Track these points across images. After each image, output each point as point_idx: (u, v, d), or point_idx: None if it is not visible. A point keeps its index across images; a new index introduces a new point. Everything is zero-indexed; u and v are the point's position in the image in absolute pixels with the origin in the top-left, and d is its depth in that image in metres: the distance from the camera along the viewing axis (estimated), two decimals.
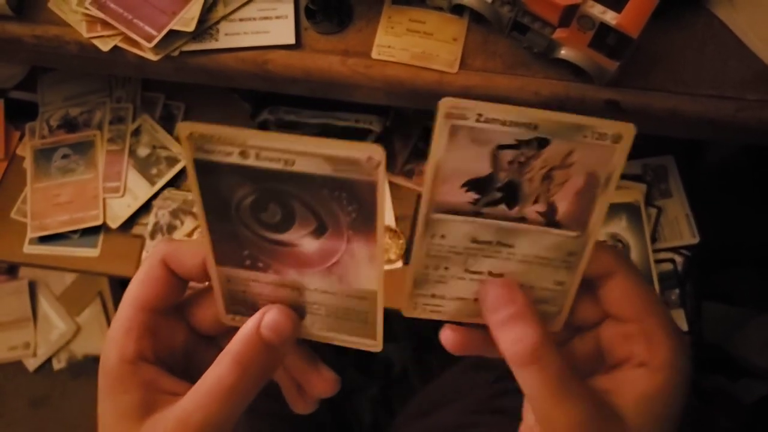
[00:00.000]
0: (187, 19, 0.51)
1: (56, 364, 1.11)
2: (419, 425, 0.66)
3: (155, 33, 0.50)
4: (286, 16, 0.52)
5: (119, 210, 0.71)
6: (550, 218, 0.26)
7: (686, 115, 0.49)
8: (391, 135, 0.69)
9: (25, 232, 0.72)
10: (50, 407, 1.11)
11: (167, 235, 0.70)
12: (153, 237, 0.70)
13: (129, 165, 0.73)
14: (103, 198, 0.72)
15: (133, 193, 0.72)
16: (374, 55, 0.51)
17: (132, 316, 0.27)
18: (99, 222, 0.71)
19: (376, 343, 0.29)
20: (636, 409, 0.26)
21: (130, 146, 0.73)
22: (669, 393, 0.26)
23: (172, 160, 0.73)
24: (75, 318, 1.11)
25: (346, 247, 0.26)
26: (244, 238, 0.26)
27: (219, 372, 0.25)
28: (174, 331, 0.29)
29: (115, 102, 0.75)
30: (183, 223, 0.71)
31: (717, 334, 0.94)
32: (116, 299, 1.09)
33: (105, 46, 0.51)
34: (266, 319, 0.26)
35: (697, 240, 0.69)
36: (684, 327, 0.67)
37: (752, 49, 0.49)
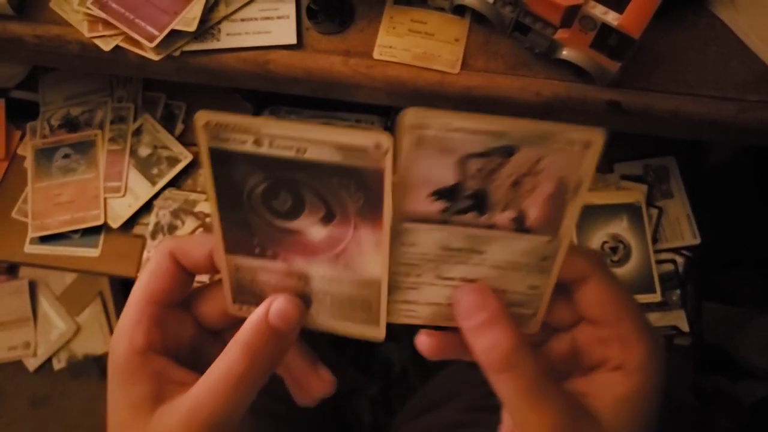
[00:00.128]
0: (188, 19, 0.51)
1: (56, 364, 1.11)
2: (418, 424, 0.66)
3: (157, 33, 0.50)
4: (288, 16, 0.52)
5: (120, 210, 0.71)
6: (520, 224, 0.26)
7: (688, 116, 0.49)
8: (392, 135, 0.69)
9: (26, 231, 0.72)
10: (50, 407, 1.11)
11: (168, 236, 0.70)
12: (154, 237, 0.70)
13: (130, 165, 0.72)
14: (104, 198, 0.72)
15: (134, 192, 0.72)
16: (376, 56, 0.51)
17: (141, 309, 0.27)
18: (100, 222, 0.71)
19: (379, 331, 0.29)
20: (612, 411, 0.26)
21: (131, 146, 0.73)
22: (644, 395, 0.26)
23: (173, 160, 0.72)
24: (75, 318, 1.11)
25: (353, 235, 0.26)
26: (255, 226, 0.27)
27: (229, 360, 0.26)
28: (181, 324, 0.29)
29: (117, 102, 0.75)
30: (184, 223, 0.71)
31: (717, 334, 0.94)
32: (116, 299, 1.09)
33: (106, 45, 0.51)
34: (274, 308, 0.27)
35: (698, 241, 0.68)
36: (685, 328, 0.67)
37: (754, 50, 0.49)
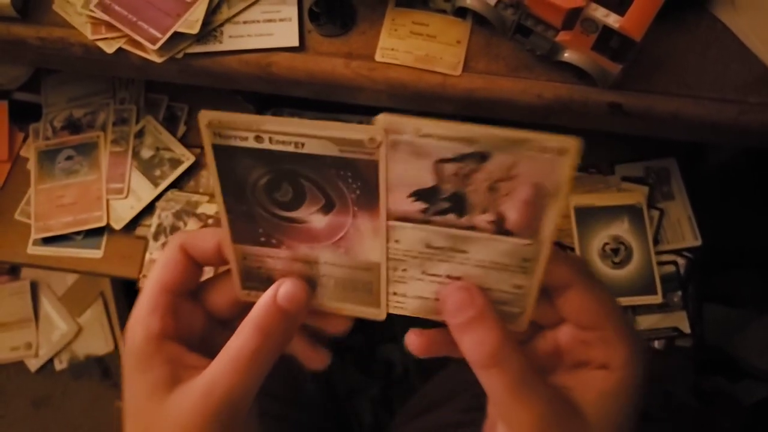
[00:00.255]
0: (191, 22, 0.51)
1: (58, 365, 1.11)
2: (418, 424, 0.66)
3: (159, 35, 0.50)
4: (290, 19, 0.52)
5: (123, 211, 0.72)
6: (500, 227, 0.27)
7: (688, 118, 0.49)
8: None
9: (29, 233, 0.73)
10: (52, 407, 1.11)
11: (181, 231, 0.70)
12: (156, 238, 0.70)
13: (132, 166, 0.73)
14: (107, 199, 0.72)
15: (137, 194, 0.72)
16: (377, 58, 0.51)
17: (156, 297, 0.29)
18: (102, 223, 0.72)
19: (380, 312, 0.31)
20: (596, 405, 0.27)
21: (133, 148, 0.73)
22: (627, 391, 0.27)
23: (176, 162, 0.73)
24: (76, 319, 1.11)
25: (352, 222, 0.28)
26: (259, 217, 0.28)
27: (241, 340, 0.27)
28: (193, 313, 0.31)
29: (119, 103, 0.75)
30: (186, 224, 0.71)
31: (718, 335, 0.94)
32: (118, 300, 1.10)
33: (109, 48, 0.52)
34: (282, 290, 0.28)
35: (699, 242, 0.68)
36: (686, 329, 0.67)
37: (755, 52, 0.49)
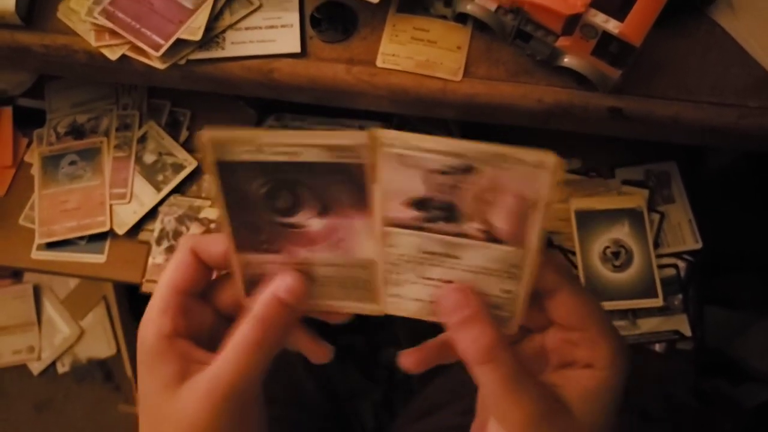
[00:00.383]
0: (193, 28, 0.51)
1: (60, 368, 1.12)
2: (419, 427, 0.67)
3: (162, 42, 0.51)
4: (292, 25, 0.52)
5: (126, 216, 0.72)
6: (488, 234, 0.28)
7: (688, 122, 0.49)
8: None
9: (33, 238, 0.73)
10: (54, 411, 1.11)
11: (173, 242, 0.71)
12: (159, 243, 0.70)
13: (135, 171, 0.73)
14: (110, 204, 0.72)
15: (140, 199, 0.72)
16: (379, 64, 0.51)
17: (167, 298, 0.30)
18: (106, 228, 0.72)
19: (379, 308, 0.32)
20: (582, 402, 0.28)
21: (136, 153, 0.73)
22: (611, 388, 0.29)
23: (178, 167, 0.73)
24: (79, 322, 1.11)
25: (348, 223, 0.29)
26: (260, 225, 0.30)
27: (244, 332, 0.29)
28: (202, 312, 0.32)
29: (122, 109, 0.76)
30: (189, 229, 0.71)
31: (718, 338, 0.94)
32: (120, 303, 1.10)
33: (113, 54, 0.52)
34: (282, 284, 0.30)
35: (699, 245, 0.69)
36: (687, 332, 0.67)
37: (754, 56, 0.49)
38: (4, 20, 0.52)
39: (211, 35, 0.52)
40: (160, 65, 0.51)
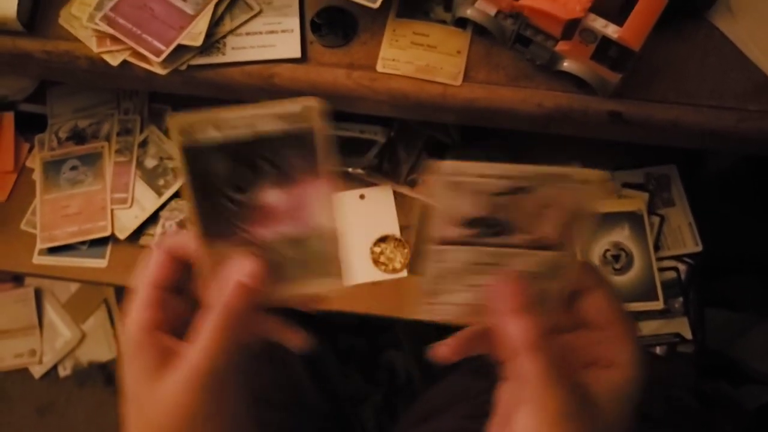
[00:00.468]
0: (194, 34, 0.51)
1: (62, 371, 1.12)
2: (420, 430, 0.67)
3: (163, 48, 0.51)
4: (292, 30, 0.53)
5: (127, 221, 0.72)
6: (538, 243, 0.31)
7: (688, 126, 0.49)
8: (395, 145, 0.69)
9: (35, 243, 0.73)
10: (56, 414, 1.11)
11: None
12: None
13: (136, 176, 0.73)
14: (111, 209, 0.72)
15: (141, 204, 0.72)
16: (379, 68, 0.51)
17: (147, 294, 0.33)
18: (107, 233, 0.72)
19: (340, 281, 0.33)
20: (608, 398, 0.31)
21: (137, 158, 0.74)
22: (632, 385, 0.31)
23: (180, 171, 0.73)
24: (80, 325, 1.12)
25: (306, 192, 0.31)
26: (225, 209, 0.31)
27: (212, 318, 0.31)
28: (179, 304, 0.34)
29: (123, 114, 0.76)
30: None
31: (719, 340, 0.94)
32: (121, 307, 1.10)
33: (114, 60, 0.52)
34: (243, 269, 0.32)
35: (700, 248, 0.69)
36: (688, 335, 0.67)
37: (753, 60, 0.50)
38: (5, 26, 0.52)
39: (212, 41, 0.52)
40: (161, 71, 0.52)
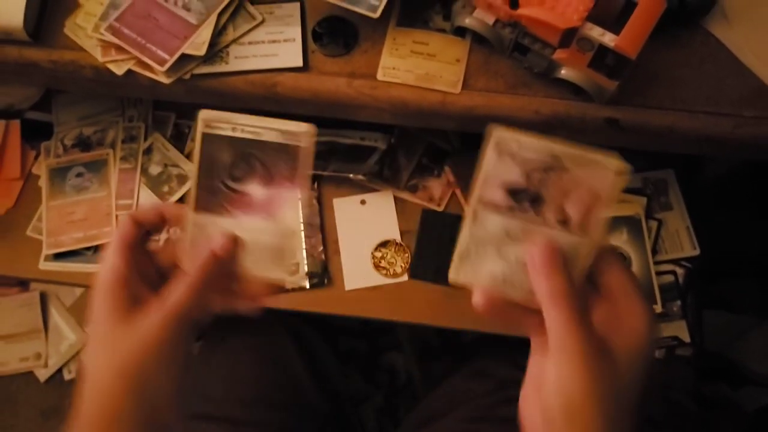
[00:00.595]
0: (198, 44, 0.52)
1: (67, 375, 1.12)
2: None
3: (167, 57, 0.52)
4: (294, 39, 0.53)
5: None
6: (563, 222, 0.36)
7: (684, 132, 0.50)
8: (396, 152, 0.70)
9: (41, 249, 0.73)
10: (61, 418, 1.12)
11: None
12: None
13: (141, 183, 0.74)
14: (116, 215, 0.73)
15: None
16: (379, 77, 0.52)
17: (119, 247, 0.39)
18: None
19: (298, 277, 0.43)
20: (623, 353, 0.35)
21: (142, 164, 0.74)
22: (647, 346, 0.35)
23: (183, 178, 0.74)
24: (85, 329, 1.12)
25: (283, 193, 0.39)
26: (219, 189, 0.39)
27: (191, 274, 0.39)
28: (145, 263, 0.41)
29: (128, 121, 0.77)
30: None
31: (718, 342, 0.95)
32: None
33: (119, 69, 0.53)
34: (219, 243, 0.39)
35: (697, 252, 0.69)
36: (686, 338, 0.67)
37: (749, 66, 0.50)
38: (12, 36, 0.53)
39: (215, 50, 0.53)
40: (165, 80, 0.52)
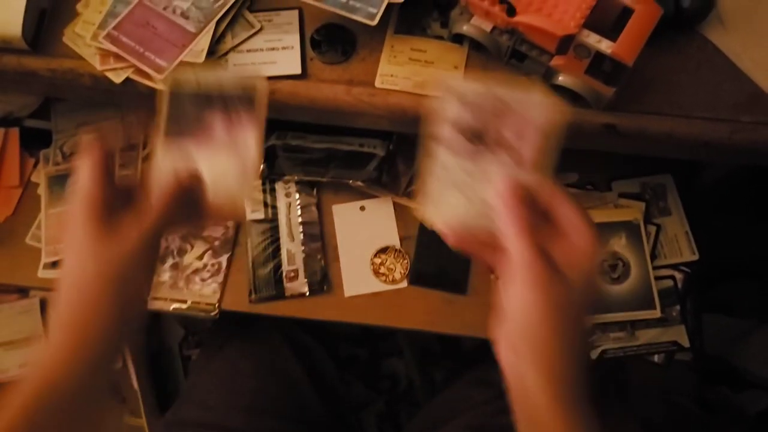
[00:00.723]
0: (196, 51, 0.52)
1: None
2: None
3: (166, 65, 0.52)
4: (292, 47, 0.54)
5: None
6: (515, 159, 0.41)
7: (682, 138, 0.50)
8: (394, 158, 0.70)
9: (40, 257, 0.74)
10: None
11: (178, 259, 0.72)
12: (164, 261, 0.71)
13: None
14: None
15: None
16: (378, 84, 0.52)
17: (92, 170, 0.42)
18: None
19: (245, 200, 0.47)
20: (574, 271, 0.39)
21: (141, 172, 0.75)
22: (592, 263, 0.39)
23: None
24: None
25: (243, 129, 0.45)
26: (186, 118, 0.45)
27: (160, 197, 0.43)
28: (111, 182, 0.44)
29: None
30: (193, 246, 0.72)
31: (720, 345, 0.95)
32: None
33: (117, 78, 0.53)
34: (180, 174, 0.44)
35: (696, 257, 0.69)
36: (685, 343, 0.67)
37: (745, 71, 0.50)
38: (11, 45, 0.53)
39: (214, 58, 0.53)
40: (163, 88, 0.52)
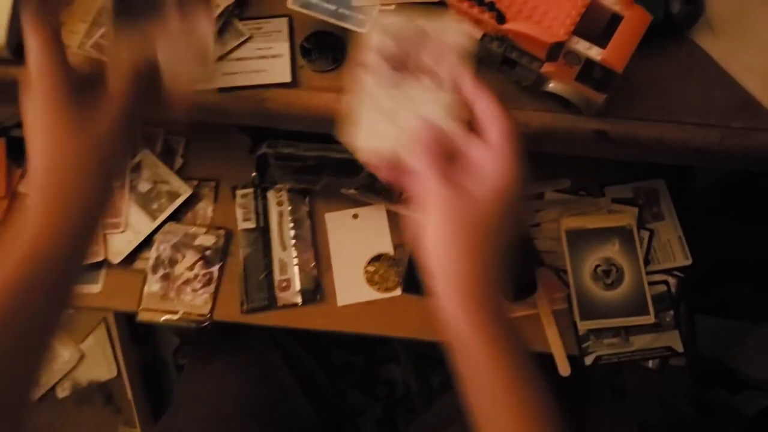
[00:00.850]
0: None
1: (60, 392, 1.11)
2: None
3: None
4: (282, 55, 0.53)
5: (120, 245, 0.72)
6: (437, 83, 0.43)
7: (672, 143, 0.50)
8: None
9: None
10: None
11: (169, 269, 0.71)
12: (155, 271, 0.71)
13: (130, 200, 0.73)
14: (104, 234, 0.72)
15: (135, 228, 0.72)
16: None
17: (41, 43, 0.41)
18: (100, 258, 0.71)
19: (209, 76, 0.51)
20: (486, 191, 0.40)
21: (130, 182, 0.74)
22: (509, 184, 0.40)
23: (173, 195, 0.73)
24: (79, 345, 1.11)
25: (195, 19, 0.45)
26: (138, 2, 0.46)
27: (123, 80, 0.44)
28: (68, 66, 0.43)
29: None
30: (185, 256, 0.71)
31: (715, 347, 0.95)
32: (120, 326, 1.10)
33: None
34: (142, 63, 0.44)
35: (689, 261, 0.69)
36: (679, 348, 0.67)
37: (735, 77, 0.50)
38: None
39: None
40: None
